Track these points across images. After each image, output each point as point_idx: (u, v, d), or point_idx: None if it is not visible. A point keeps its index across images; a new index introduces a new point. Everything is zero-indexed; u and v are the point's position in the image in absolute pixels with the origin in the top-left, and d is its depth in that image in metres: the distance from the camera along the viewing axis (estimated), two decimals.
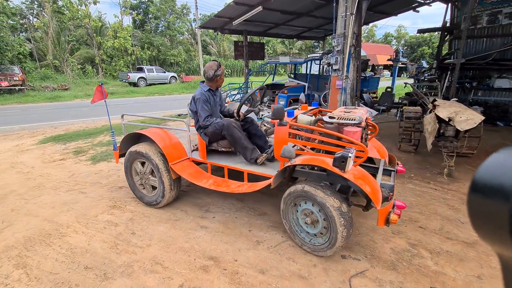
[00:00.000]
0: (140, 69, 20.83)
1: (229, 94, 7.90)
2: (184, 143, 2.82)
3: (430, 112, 4.34)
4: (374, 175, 2.13)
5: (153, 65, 25.71)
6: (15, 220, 2.57)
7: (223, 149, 2.72)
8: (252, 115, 2.93)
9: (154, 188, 2.80)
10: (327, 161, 1.83)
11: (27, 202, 2.91)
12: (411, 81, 9.29)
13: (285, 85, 7.29)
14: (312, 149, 2.28)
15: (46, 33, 23.47)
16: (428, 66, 10.56)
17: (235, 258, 2.07)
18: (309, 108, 2.83)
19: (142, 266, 1.99)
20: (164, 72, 22.15)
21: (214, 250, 2.16)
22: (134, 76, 19.58)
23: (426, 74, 8.92)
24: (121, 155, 3.05)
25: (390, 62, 9.73)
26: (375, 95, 8.80)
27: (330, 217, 1.84)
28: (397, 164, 2.56)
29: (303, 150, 2.21)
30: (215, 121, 2.62)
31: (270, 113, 2.75)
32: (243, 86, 8.64)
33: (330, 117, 2.15)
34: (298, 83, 7.31)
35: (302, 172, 2.18)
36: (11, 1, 23.80)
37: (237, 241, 2.28)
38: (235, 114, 2.79)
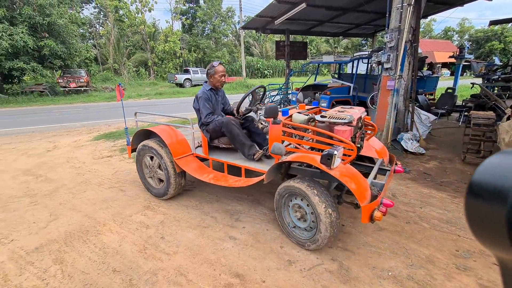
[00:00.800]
0: (187, 71, 21.91)
1: (269, 95, 7.73)
2: (189, 139, 2.97)
3: (508, 118, 3.60)
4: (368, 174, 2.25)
5: (198, 67, 26.92)
6: (61, 214, 2.74)
7: (224, 146, 2.85)
8: (253, 113, 3.04)
9: (161, 181, 2.98)
10: (316, 159, 1.90)
11: (74, 197, 3.11)
12: (479, 80, 8.02)
13: (328, 86, 6.85)
14: (312, 148, 2.31)
15: (109, 40, 26.21)
16: (502, 63, 9.03)
17: (263, 279, 1.87)
18: (308, 107, 2.87)
19: (166, 276, 1.91)
20: None
21: (241, 266, 2.00)
22: (180, 77, 20.68)
23: (499, 73, 7.61)
24: (133, 150, 3.27)
25: (452, 60, 8.54)
26: (432, 97, 7.80)
27: (314, 208, 1.92)
28: (396, 164, 2.57)
29: (298, 148, 2.28)
30: (215, 119, 2.75)
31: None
32: (283, 87, 8.40)
33: (322, 116, 2.20)
34: (342, 83, 6.81)
35: (298, 169, 2.25)
36: (82, 12, 27.15)
37: (266, 258, 2.08)
38: (235, 111, 2.87)
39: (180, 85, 20.66)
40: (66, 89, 15.56)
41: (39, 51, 14.08)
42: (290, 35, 8.71)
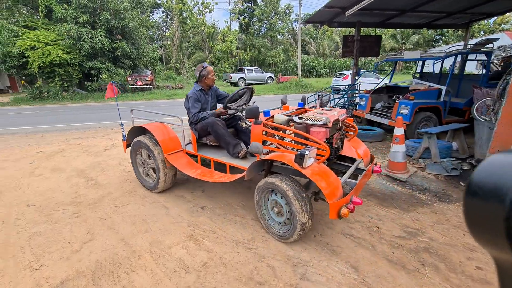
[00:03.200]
0: (241, 70, 21.93)
1: (332, 98, 6.76)
2: (180, 137, 3.07)
3: None
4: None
5: (253, 66, 26.86)
6: (98, 233, 2.41)
7: (211, 143, 2.95)
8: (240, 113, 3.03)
9: (153, 174, 3.12)
10: (291, 158, 2.00)
11: (115, 211, 2.79)
12: None
13: (410, 89, 5.57)
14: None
15: (173, 41, 28.01)
16: None
17: None
18: (293, 108, 2.94)
19: None
20: (262, 73, 22.62)
21: None
22: (235, 76, 20.76)
23: None
24: (129, 145, 3.38)
25: None
26: None
27: (287, 200, 2.03)
28: (375, 164, 2.64)
29: (278, 147, 2.39)
30: (200, 115, 2.85)
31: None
32: (349, 89, 7.30)
33: (299, 118, 2.31)
34: (429, 86, 5.45)
35: (279, 167, 2.34)
36: (152, 16, 29.59)
37: None
38: (222, 108, 2.91)
39: (235, 84, 20.76)
40: (133, 86, 16.90)
41: (113, 52, 15.50)
42: (361, 29, 7.52)
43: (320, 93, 6.74)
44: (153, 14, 31.04)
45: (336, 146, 2.46)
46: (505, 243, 0.27)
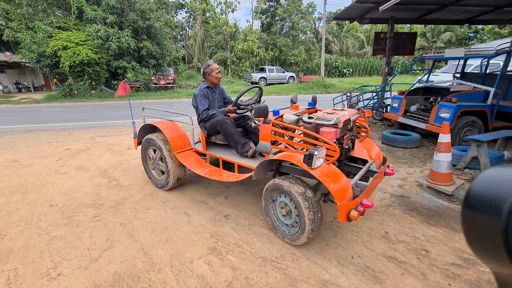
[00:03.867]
0: (262, 69, 21.72)
1: (361, 99, 6.35)
2: (189, 135, 3.06)
3: None
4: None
5: (274, 65, 26.56)
6: (118, 240, 2.28)
7: (220, 142, 2.92)
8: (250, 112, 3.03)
9: (163, 172, 3.15)
10: (300, 158, 1.96)
11: (136, 216, 2.67)
12: None
13: (451, 90, 5.05)
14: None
15: (195, 41, 28.39)
16: None
17: None
18: (303, 108, 2.89)
19: None
20: (283, 72, 22.25)
21: None
22: (256, 76, 20.59)
23: None
24: (140, 143, 3.39)
25: None
26: None
27: (295, 202, 1.97)
28: (387, 166, 2.53)
29: (287, 147, 2.33)
30: (210, 113, 2.83)
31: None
32: (379, 90, 6.83)
33: (309, 117, 2.27)
34: (474, 87, 4.91)
35: (289, 167, 2.31)
36: (176, 17, 30.18)
37: None
38: (231, 106, 2.88)
39: (255, 84, 20.61)
40: (157, 85, 17.24)
41: (138, 52, 15.89)
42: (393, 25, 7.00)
43: (348, 94, 6.36)
44: (177, 15, 31.72)
45: (347, 147, 2.40)
46: (505, 256, 0.26)
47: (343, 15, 6.86)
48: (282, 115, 2.44)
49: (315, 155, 1.81)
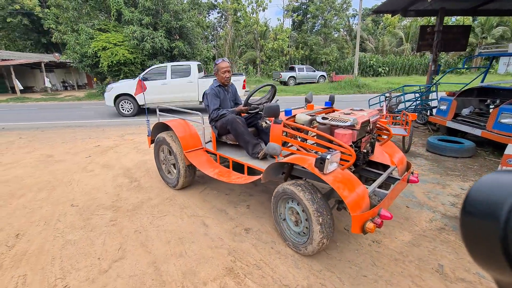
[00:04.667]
0: (292, 69, 21.20)
1: (403, 99, 5.70)
2: (201, 134, 3.03)
3: None
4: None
5: (304, 64, 25.85)
6: (130, 250, 2.13)
7: (231, 142, 2.82)
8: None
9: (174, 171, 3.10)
10: (310, 162, 1.84)
11: (152, 222, 2.51)
12: None
13: None
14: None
15: (226, 40, 28.67)
16: None
17: None
18: (319, 108, 2.73)
19: None
20: (314, 71, 21.54)
21: None
22: (285, 75, 20.16)
23: None
24: (153, 141, 3.35)
25: None
26: None
27: (304, 208, 1.85)
28: (412, 173, 2.30)
29: (299, 149, 2.20)
30: (220, 112, 2.74)
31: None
32: (423, 90, 6.09)
33: (323, 118, 2.14)
34: None
35: (302, 171, 2.15)
36: (208, 17, 30.76)
37: None
38: (242, 106, 2.77)
39: (284, 83, 20.17)
40: None
41: (171, 51, 16.32)
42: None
43: (387, 94, 5.76)
44: (209, 15, 32.30)
45: (365, 150, 2.24)
46: (504, 263, 0.26)
47: (384, 7, 6.22)
48: (295, 115, 2.30)
49: (327, 159, 1.68)
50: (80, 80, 24.44)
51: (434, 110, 5.76)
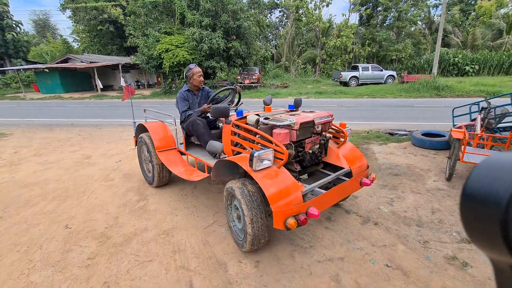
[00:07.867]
0: (355, 68, 19.11)
1: (492, 110, 3.99)
2: (175, 135, 3.15)
3: None
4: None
5: (370, 63, 23.19)
6: None
7: (197, 143, 3.02)
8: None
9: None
10: (246, 160, 1.90)
11: (129, 270, 1.97)
12: None
13: None
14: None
15: (285, 39, 27.89)
16: None
17: None
18: (282, 110, 2.74)
19: None
20: (381, 71, 18.95)
21: None
22: (346, 75, 18.27)
23: None
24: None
25: None
26: None
27: (238, 204, 1.91)
28: (367, 176, 2.36)
29: (245, 149, 2.26)
30: (188, 113, 2.96)
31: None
32: None
33: (265, 118, 2.23)
34: None
35: None
36: (269, 16, 30.45)
37: None
38: (206, 105, 2.88)
39: (345, 84, 18.33)
40: (242, 85, 17.48)
41: (227, 52, 16.43)
42: None
43: (484, 104, 4.17)
44: (271, 15, 31.99)
45: (312, 151, 2.25)
46: (503, 247, 0.26)
47: None
48: (245, 115, 2.37)
49: (255, 156, 1.76)
50: (150, 79, 27.02)
51: None
